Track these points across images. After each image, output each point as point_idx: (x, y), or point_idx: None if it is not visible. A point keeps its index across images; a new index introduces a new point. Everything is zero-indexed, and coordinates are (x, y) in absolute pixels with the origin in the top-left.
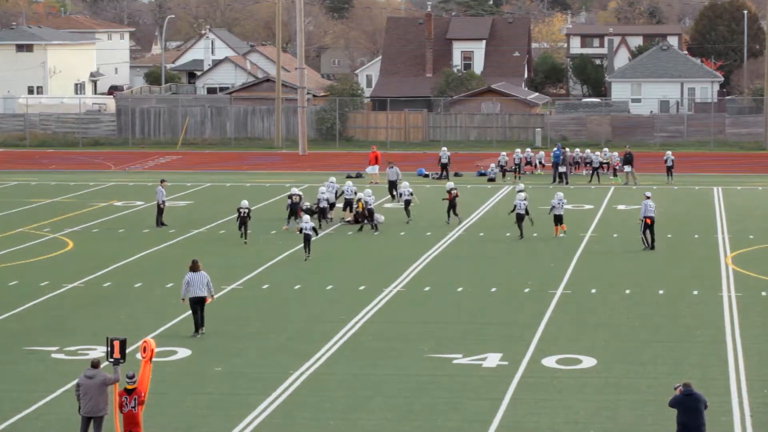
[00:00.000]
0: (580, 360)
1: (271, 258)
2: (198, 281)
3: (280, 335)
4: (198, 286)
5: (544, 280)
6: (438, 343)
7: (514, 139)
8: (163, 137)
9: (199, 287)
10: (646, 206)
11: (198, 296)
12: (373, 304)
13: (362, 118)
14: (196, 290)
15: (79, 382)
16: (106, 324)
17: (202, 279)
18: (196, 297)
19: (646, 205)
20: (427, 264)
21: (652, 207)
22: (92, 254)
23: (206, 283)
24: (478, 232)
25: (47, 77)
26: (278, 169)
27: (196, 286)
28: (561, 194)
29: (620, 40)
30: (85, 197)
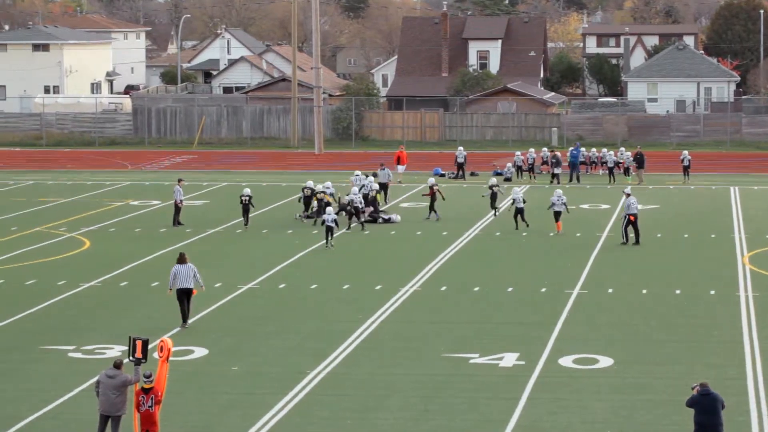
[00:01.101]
0: (596, 360)
1: (287, 257)
2: (185, 273)
3: (297, 335)
4: (185, 278)
5: (561, 279)
6: (455, 343)
7: (530, 138)
8: (179, 137)
9: (186, 279)
10: (629, 204)
11: (185, 287)
12: (389, 304)
13: (378, 117)
14: (182, 282)
15: (99, 380)
16: (123, 323)
17: (189, 271)
18: (182, 288)
19: (629, 203)
20: (444, 263)
21: (635, 204)
22: (109, 253)
23: (193, 275)
24: (495, 231)
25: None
26: (295, 168)
27: (183, 278)
28: (560, 191)
29: (636, 39)
30: (102, 196)
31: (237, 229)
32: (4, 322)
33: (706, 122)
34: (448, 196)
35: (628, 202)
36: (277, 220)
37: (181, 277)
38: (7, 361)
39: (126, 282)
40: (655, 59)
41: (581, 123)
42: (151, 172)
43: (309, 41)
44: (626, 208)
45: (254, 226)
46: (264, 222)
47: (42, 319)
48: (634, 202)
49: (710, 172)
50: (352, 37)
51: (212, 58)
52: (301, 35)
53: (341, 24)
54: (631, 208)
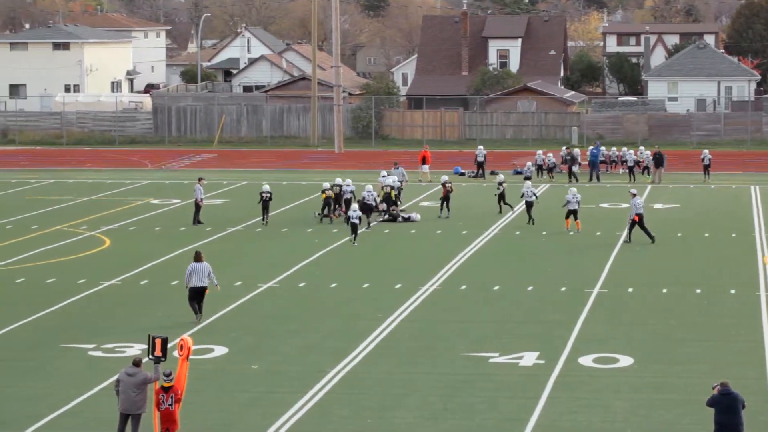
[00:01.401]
0: (617, 359)
1: (307, 256)
2: (200, 272)
3: (317, 333)
4: (200, 276)
5: (581, 278)
6: (474, 342)
7: (550, 137)
8: (199, 135)
9: (201, 278)
10: (635, 204)
11: (199, 286)
12: (409, 303)
13: (398, 116)
14: (197, 281)
15: (119, 379)
16: (142, 322)
17: (204, 270)
18: (197, 287)
19: (634, 203)
20: (464, 262)
21: (641, 204)
22: (129, 252)
23: (208, 273)
24: (515, 230)
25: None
26: (315, 167)
27: (198, 276)
28: (575, 189)
29: (657, 38)
30: (122, 195)
31: (257, 228)
32: (24, 321)
33: (727, 121)
34: (468, 196)
35: (633, 202)
36: (297, 218)
37: (196, 275)
38: (28, 359)
39: (146, 280)
40: (676, 58)
41: (601, 122)
42: (171, 171)
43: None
44: (633, 208)
45: (274, 224)
46: (284, 221)
47: (62, 317)
48: (639, 202)
49: (731, 171)
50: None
51: (232, 56)
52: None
53: (361, 23)
54: (637, 208)
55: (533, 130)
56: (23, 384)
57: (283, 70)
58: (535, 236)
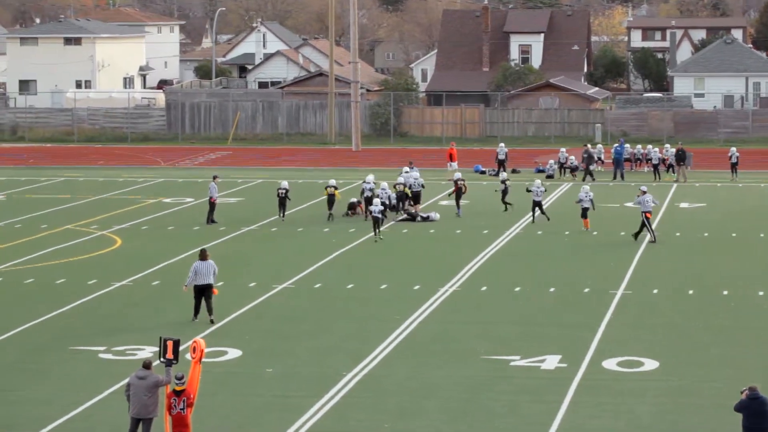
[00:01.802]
0: (641, 363)
1: (323, 256)
2: (205, 270)
3: (333, 335)
4: (205, 274)
5: (605, 279)
6: (495, 345)
7: (572, 134)
8: (214, 132)
9: (206, 276)
10: (644, 201)
11: (203, 284)
12: (428, 304)
13: (417, 113)
14: (202, 278)
15: (129, 382)
16: (154, 323)
17: (209, 268)
18: (201, 285)
19: (643, 200)
20: (484, 263)
21: (650, 201)
22: (140, 252)
23: (213, 272)
24: (536, 230)
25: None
26: (331, 165)
27: (203, 274)
28: (587, 187)
29: (683, 33)
30: (134, 193)
31: (272, 228)
32: (33, 322)
33: (755, 118)
34: (489, 195)
35: (642, 199)
36: (313, 217)
37: (201, 273)
38: (37, 362)
39: (158, 281)
40: (702, 53)
41: (626, 119)
42: (184, 169)
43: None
44: (640, 205)
45: (290, 223)
46: (299, 220)
47: (71, 319)
48: (649, 199)
49: (759, 169)
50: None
51: (247, 52)
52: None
53: (379, 17)
54: (645, 206)
55: (556, 127)
56: (31, 387)
57: (299, 65)
58: (558, 236)
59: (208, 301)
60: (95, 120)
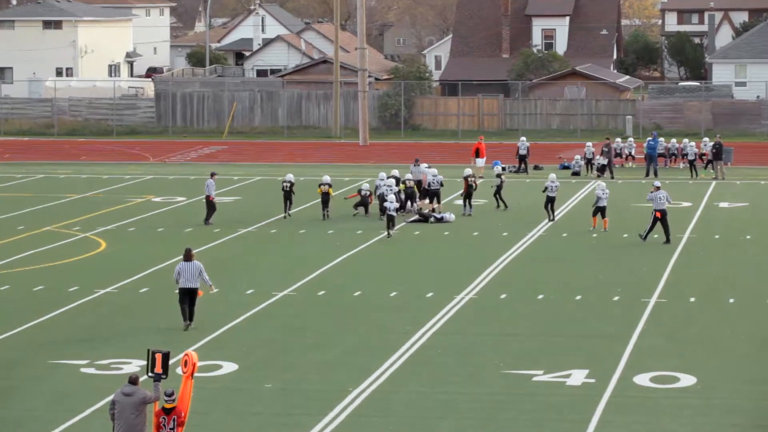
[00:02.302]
0: (677, 378)
1: (328, 261)
2: (190, 271)
3: (338, 348)
4: (189, 276)
5: (636, 286)
6: (516, 358)
7: (601, 127)
8: (207, 125)
9: (191, 278)
10: (657, 198)
11: (188, 287)
12: (442, 314)
13: (430, 104)
14: (187, 281)
15: (114, 400)
16: (142, 334)
17: (194, 269)
18: (186, 288)
19: (656, 197)
20: (503, 268)
21: (665, 199)
22: (127, 256)
23: (199, 273)
24: (561, 232)
25: (78, 58)
26: (337, 161)
27: (187, 276)
28: (604, 184)
29: (723, 15)
30: (120, 192)
31: (272, 229)
32: (8, 334)
33: None
34: (509, 193)
35: (655, 196)
36: (316, 218)
37: (185, 275)
38: (11, 377)
39: (146, 288)
40: (744, 38)
41: (659, 110)
42: (175, 165)
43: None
44: (652, 202)
45: (291, 225)
46: (302, 220)
47: (51, 329)
48: (663, 196)
49: None
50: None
51: (245, 37)
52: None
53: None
54: (658, 203)
55: (582, 119)
56: (6, 405)
57: (301, 52)
58: (584, 239)
59: (191, 307)
60: (77, 111)
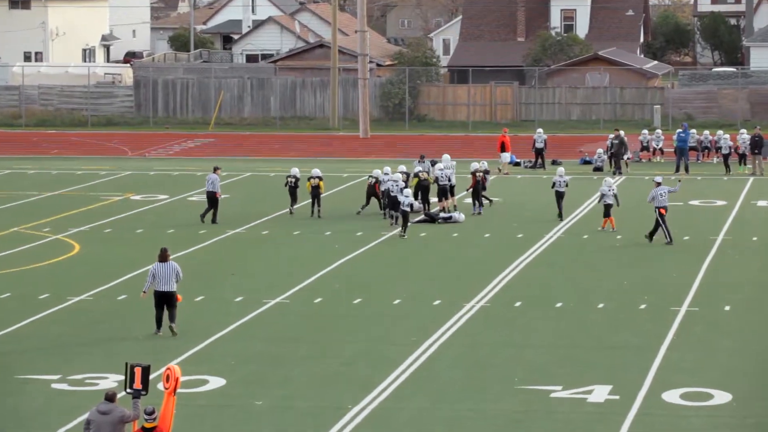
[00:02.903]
0: (710, 395)
1: (324, 265)
2: (165, 273)
3: (336, 360)
4: (165, 279)
5: (665, 293)
6: (532, 372)
7: (626, 118)
8: (192, 116)
9: (167, 280)
10: (658, 195)
11: (164, 290)
12: (450, 323)
13: (438, 92)
14: (162, 283)
15: (89, 419)
16: (120, 346)
17: (170, 271)
18: (161, 291)
19: (657, 194)
20: (519, 273)
21: (666, 195)
22: (103, 260)
23: (175, 274)
24: (582, 233)
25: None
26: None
27: (163, 278)
28: (611, 180)
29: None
30: (95, 190)
31: (263, 230)
32: None
33: None
34: (524, 191)
35: (656, 192)
36: (313, 219)
37: (160, 277)
38: None
39: (124, 295)
40: None
41: (691, 99)
42: (156, 160)
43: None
44: (655, 200)
45: (284, 225)
46: (297, 221)
47: (18, 341)
48: (665, 192)
49: None
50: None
51: (233, 18)
52: None
53: None
54: (660, 200)
55: (606, 109)
56: None
57: (295, 35)
58: (608, 240)
59: (171, 309)
60: (48, 100)
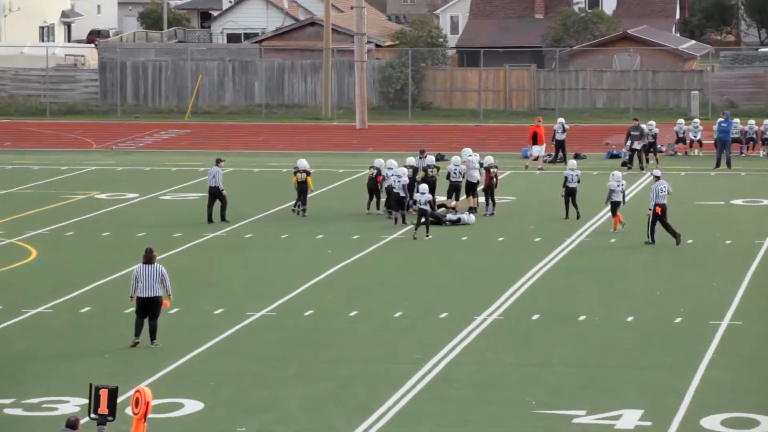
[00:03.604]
0: (756, 421)
1: (316, 273)
2: (150, 277)
3: (330, 381)
4: (149, 283)
5: (704, 305)
6: (551, 394)
7: (659, 106)
8: (166, 103)
9: (152, 285)
10: (656, 191)
11: (148, 296)
12: (459, 339)
13: (444, 77)
14: (146, 288)
15: None
16: (83, 365)
17: (155, 274)
18: (145, 297)
19: (656, 190)
20: (536, 282)
21: (665, 191)
22: (64, 267)
23: (161, 279)
24: (608, 237)
25: (0, 17)
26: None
27: (147, 282)
28: (620, 174)
29: None
30: (55, 187)
31: (246, 233)
32: None
33: None
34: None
35: (656, 187)
36: (303, 220)
37: (144, 281)
38: None
39: (88, 307)
40: None
41: (734, 83)
42: (125, 154)
43: None
44: (654, 196)
45: (271, 227)
46: (284, 222)
47: None
48: (664, 188)
49: None
50: None
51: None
52: None
53: None
54: (659, 197)
55: (636, 95)
56: None
57: (283, 12)
58: (638, 245)
59: (151, 321)
60: (1, 85)
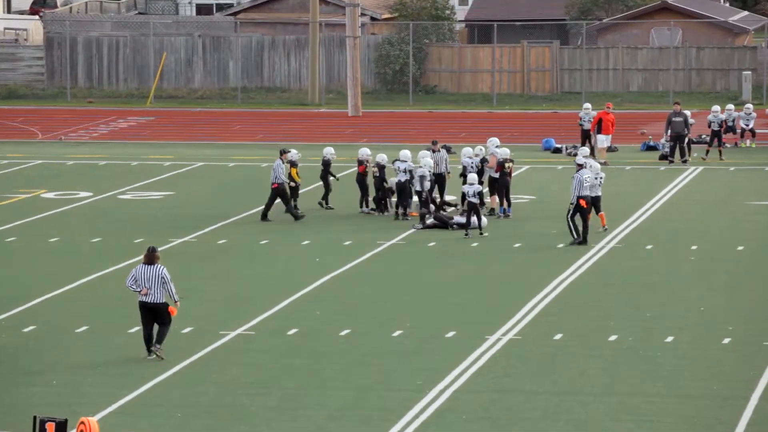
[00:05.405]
0: None
1: (302, 285)
2: (149, 279)
3: (318, 411)
4: (149, 287)
5: (756, 324)
6: (578, 426)
7: (704, 88)
8: (124, 86)
9: (154, 290)
10: (580, 180)
11: (149, 303)
12: (469, 362)
13: (451, 55)
14: (147, 294)
15: None
16: (26, 394)
17: (156, 276)
18: (147, 304)
19: (580, 180)
20: (559, 295)
21: (589, 182)
22: (4, 279)
23: (162, 282)
24: (645, 242)
25: None
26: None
27: (149, 287)
28: (598, 166)
29: None
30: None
31: (220, 239)
32: None
33: None
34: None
35: (579, 177)
36: (285, 221)
37: (143, 284)
38: None
39: (32, 326)
40: None
41: None
42: (76, 145)
43: None
44: (576, 187)
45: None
46: (263, 226)
47: None
48: (590, 176)
49: None
50: None
51: None
52: None
53: None
54: (583, 187)
55: (677, 77)
56: None
57: None
58: (679, 252)
59: (161, 327)
60: None
